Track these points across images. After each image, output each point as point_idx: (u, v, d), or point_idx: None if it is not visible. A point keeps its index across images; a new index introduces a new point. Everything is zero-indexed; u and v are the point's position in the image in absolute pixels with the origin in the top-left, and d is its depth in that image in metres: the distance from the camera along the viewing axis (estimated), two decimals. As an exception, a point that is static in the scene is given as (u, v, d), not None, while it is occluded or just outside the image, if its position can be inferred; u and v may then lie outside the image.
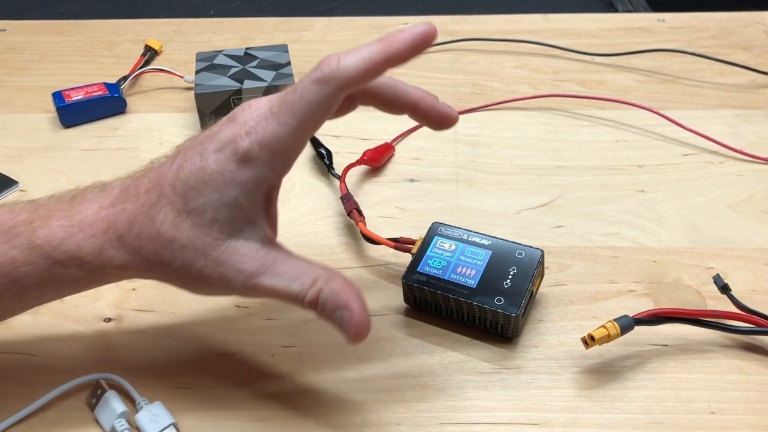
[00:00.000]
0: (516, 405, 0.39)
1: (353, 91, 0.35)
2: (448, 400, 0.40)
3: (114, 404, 0.38)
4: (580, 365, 0.41)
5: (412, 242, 0.46)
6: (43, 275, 0.35)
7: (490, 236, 0.45)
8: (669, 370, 0.41)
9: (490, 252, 0.44)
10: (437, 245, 0.45)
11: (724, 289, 0.43)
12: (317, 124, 0.35)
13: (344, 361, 0.42)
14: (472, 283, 0.42)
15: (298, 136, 0.34)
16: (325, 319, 0.35)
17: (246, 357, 0.42)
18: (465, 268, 0.43)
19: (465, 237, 0.45)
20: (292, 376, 0.41)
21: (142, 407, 0.38)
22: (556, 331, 0.43)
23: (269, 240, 0.36)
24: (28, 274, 0.35)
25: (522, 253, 0.44)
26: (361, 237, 0.48)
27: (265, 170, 0.34)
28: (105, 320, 0.44)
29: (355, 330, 0.34)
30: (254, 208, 0.35)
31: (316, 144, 0.58)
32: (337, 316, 0.34)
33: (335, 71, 0.34)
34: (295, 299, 0.35)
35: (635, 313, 0.40)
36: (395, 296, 0.45)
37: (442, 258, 0.44)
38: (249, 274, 0.34)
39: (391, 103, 0.39)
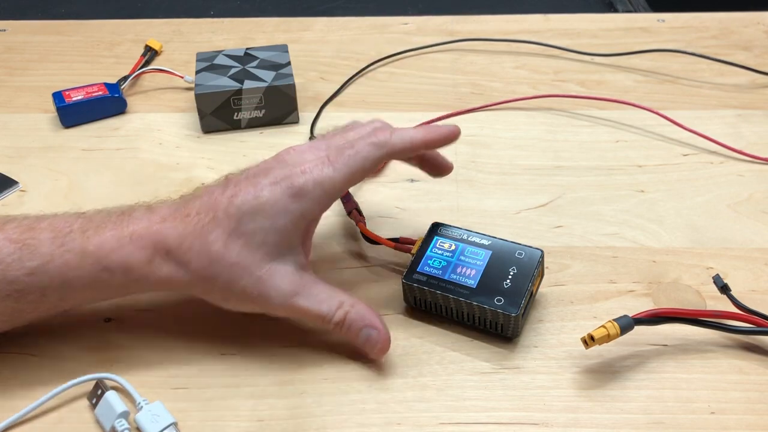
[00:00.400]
0: (516, 405, 0.39)
1: (393, 158, 0.43)
2: (448, 400, 0.40)
3: (114, 404, 0.38)
4: (580, 365, 0.41)
5: (412, 242, 0.46)
6: (91, 279, 0.39)
7: (490, 236, 0.45)
8: (669, 370, 0.41)
9: (490, 252, 0.44)
10: (437, 245, 0.45)
11: (724, 289, 0.43)
12: (362, 177, 0.41)
13: (344, 361, 0.42)
14: (472, 283, 0.42)
15: (347, 182, 0.40)
16: (349, 337, 0.40)
17: (246, 357, 0.42)
18: (465, 268, 0.43)
19: (465, 237, 0.45)
20: (292, 376, 0.41)
21: (142, 407, 0.38)
22: (556, 331, 0.43)
23: (303, 266, 0.40)
24: (78, 277, 0.38)
25: (522, 253, 0.44)
26: (361, 237, 0.48)
27: (313, 205, 0.39)
28: (105, 320, 0.44)
29: (382, 345, 0.40)
30: (296, 237, 0.40)
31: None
32: (363, 334, 0.40)
33: (388, 140, 0.41)
34: (323, 319, 0.40)
35: (635, 313, 0.40)
36: (395, 296, 0.45)
37: (442, 258, 0.44)
38: (286, 294, 0.39)
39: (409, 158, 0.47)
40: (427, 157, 0.47)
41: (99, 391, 0.39)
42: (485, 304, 0.41)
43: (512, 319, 0.41)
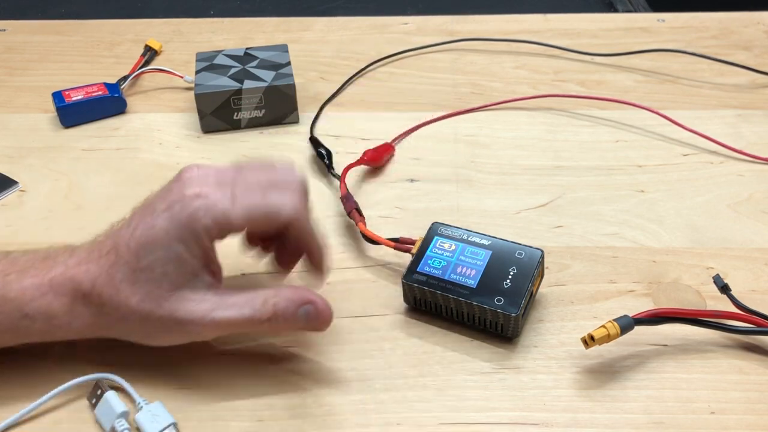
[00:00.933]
0: (516, 405, 0.39)
1: (286, 232, 0.41)
2: (448, 400, 0.40)
3: (114, 404, 0.38)
4: (580, 365, 0.41)
5: (412, 242, 0.46)
6: (11, 325, 0.38)
7: (490, 236, 0.45)
8: (669, 370, 0.41)
9: (490, 252, 0.44)
10: (437, 245, 0.45)
11: (724, 289, 0.43)
12: (258, 228, 0.40)
13: (344, 361, 0.42)
14: (472, 283, 0.42)
15: (242, 224, 0.38)
16: (289, 325, 0.39)
17: (246, 357, 0.42)
18: (465, 268, 0.43)
19: (465, 237, 0.45)
20: (292, 376, 0.41)
21: (142, 407, 0.38)
22: (556, 331, 0.43)
23: (212, 285, 0.39)
24: None
25: (522, 253, 0.44)
26: (361, 237, 0.48)
27: (204, 234, 0.37)
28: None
29: (323, 315, 0.39)
30: (197, 262, 0.38)
31: (316, 144, 0.58)
32: (301, 313, 0.38)
33: (298, 214, 0.39)
34: (251, 321, 0.38)
35: (635, 313, 0.40)
36: (395, 296, 0.45)
37: (442, 258, 0.44)
38: (202, 314, 0.38)
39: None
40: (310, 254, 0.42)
41: (99, 391, 0.39)
42: (485, 304, 0.41)
43: (512, 319, 0.41)
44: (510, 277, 0.42)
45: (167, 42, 0.75)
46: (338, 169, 0.55)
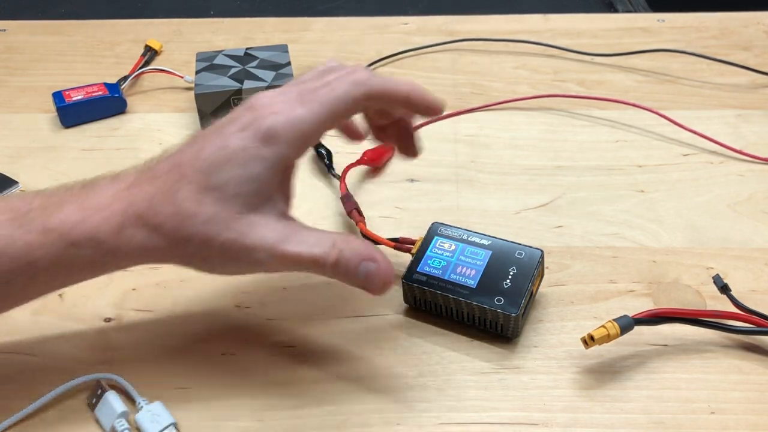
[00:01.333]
0: (516, 405, 0.39)
1: (370, 105, 0.39)
2: (448, 400, 0.40)
3: (114, 404, 0.38)
4: (579, 365, 0.41)
5: (412, 242, 0.46)
6: (58, 257, 0.35)
7: (490, 236, 0.45)
8: (669, 370, 0.41)
9: (490, 252, 0.44)
10: (437, 245, 0.45)
11: (724, 289, 0.43)
12: (339, 118, 0.38)
13: (344, 361, 0.42)
14: (472, 283, 0.42)
15: (321, 122, 0.37)
16: (348, 278, 0.36)
17: (246, 357, 0.42)
18: (465, 268, 0.43)
19: (465, 237, 0.45)
20: (292, 376, 0.41)
21: (142, 407, 0.38)
22: (556, 331, 0.43)
23: (284, 214, 0.37)
24: (43, 256, 0.35)
25: (522, 253, 0.44)
26: (362, 237, 0.48)
27: (286, 149, 0.36)
28: (105, 320, 0.44)
29: (383, 277, 0.36)
30: (273, 185, 0.36)
31: (316, 144, 0.58)
32: (362, 269, 0.36)
33: (367, 80, 0.38)
34: (317, 262, 0.36)
35: (635, 313, 0.40)
36: (395, 296, 0.45)
37: (442, 258, 0.44)
38: (272, 243, 0.35)
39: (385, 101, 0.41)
40: (414, 96, 0.41)
41: (99, 391, 0.39)
42: (485, 304, 0.41)
43: (512, 319, 0.41)
44: (510, 277, 0.42)
45: (167, 42, 0.75)
46: (338, 168, 0.55)
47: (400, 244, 0.46)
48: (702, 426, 0.38)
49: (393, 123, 0.43)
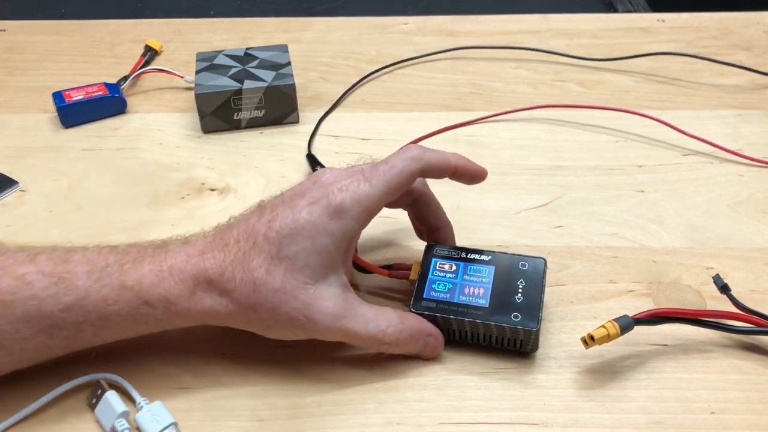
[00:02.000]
0: (516, 405, 0.39)
1: (427, 176, 0.42)
2: (448, 400, 0.40)
3: (114, 404, 0.38)
4: (580, 365, 0.41)
5: (407, 267, 0.44)
6: (131, 313, 0.38)
7: (489, 251, 0.44)
8: (669, 370, 0.41)
9: (493, 267, 0.43)
10: (437, 267, 0.43)
11: (724, 289, 0.43)
12: (399, 191, 0.40)
13: (344, 361, 0.42)
14: (483, 302, 0.41)
15: (384, 197, 0.40)
16: (402, 351, 0.41)
17: (246, 357, 0.42)
18: (472, 288, 0.42)
19: (464, 255, 0.43)
20: (292, 376, 0.41)
21: (142, 407, 0.38)
22: (556, 331, 0.43)
23: (347, 286, 0.40)
24: (116, 312, 0.37)
25: (525, 264, 0.42)
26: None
27: (352, 223, 0.39)
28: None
29: (437, 347, 0.41)
30: (338, 257, 0.39)
31: (314, 162, 0.57)
32: (421, 343, 0.40)
33: (423, 155, 0.41)
34: (372, 340, 0.39)
35: (635, 313, 0.40)
36: (395, 296, 0.45)
37: (445, 280, 0.42)
38: (333, 317, 0.38)
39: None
40: (461, 168, 0.44)
41: (99, 391, 0.39)
42: (503, 322, 0.40)
43: (533, 334, 0.40)
44: (520, 290, 0.41)
45: (167, 42, 0.75)
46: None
47: (394, 271, 0.45)
48: (702, 426, 0.38)
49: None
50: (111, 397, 0.39)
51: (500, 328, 0.40)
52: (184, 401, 0.40)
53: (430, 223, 0.46)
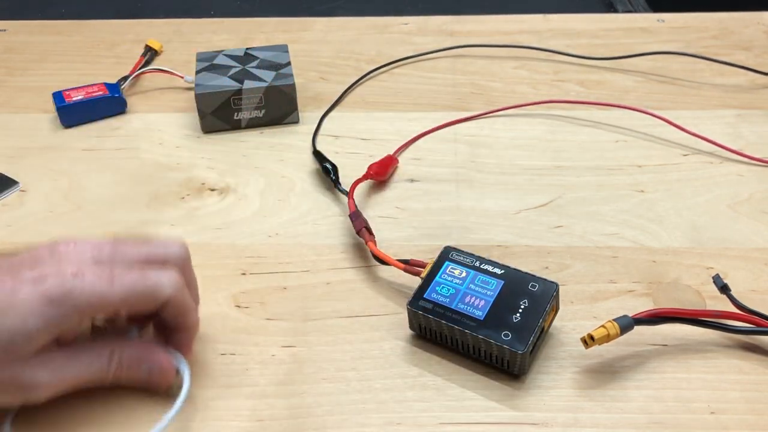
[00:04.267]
0: (516, 405, 0.39)
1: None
2: (448, 400, 0.40)
3: None
4: (580, 365, 0.41)
5: (423, 265, 0.44)
6: None
7: (504, 265, 0.43)
8: (669, 370, 0.41)
9: (502, 282, 0.42)
10: (447, 271, 0.43)
11: (724, 289, 0.43)
12: (143, 307, 0.37)
13: (344, 361, 0.42)
14: (479, 314, 0.40)
15: (120, 305, 0.36)
16: (130, 381, 0.38)
17: (246, 357, 0.42)
18: (474, 298, 0.41)
19: (477, 264, 0.43)
20: (292, 376, 0.41)
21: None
22: (556, 331, 0.43)
23: (61, 349, 0.36)
24: None
25: (536, 286, 0.41)
26: (370, 255, 0.47)
27: (73, 314, 0.35)
28: (105, 320, 0.44)
29: (164, 376, 0.39)
30: (49, 340, 0.35)
31: (321, 158, 0.57)
32: (144, 369, 0.38)
33: (161, 289, 0.37)
34: (98, 376, 0.37)
35: (635, 313, 0.40)
36: (395, 296, 0.45)
37: (451, 285, 0.42)
38: (48, 378, 0.35)
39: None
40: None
41: None
42: (491, 338, 0.39)
43: (518, 357, 0.39)
44: (521, 310, 0.40)
45: (167, 42, 0.75)
46: (340, 175, 0.55)
47: (410, 266, 0.44)
48: (702, 426, 0.38)
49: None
50: None
51: (488, 343, 0.39)
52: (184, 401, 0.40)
53: (177, 323, 0.39)
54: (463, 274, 0.42)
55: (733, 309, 0.42)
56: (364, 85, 0.68)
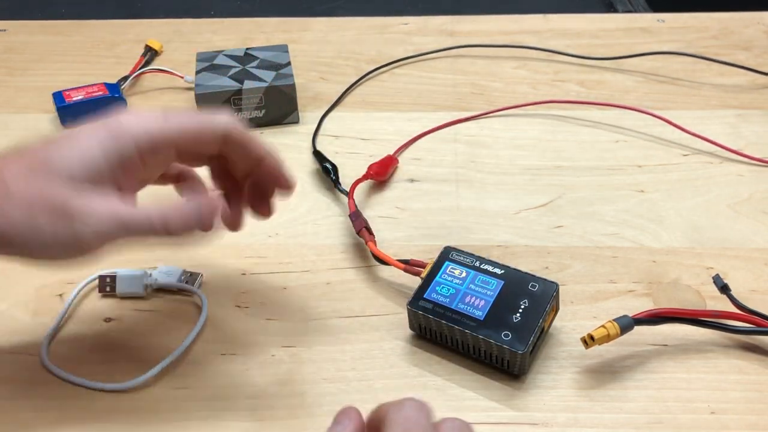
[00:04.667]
0: (516, 405, 0.39)
1: (229, 151, 0.39)
2: (448, 400, 0.40)
3: (131, 273, 0.45)
4: (580, 365, 0.41)
5: (423, 265, 0.44)
6: None
7: (503, 265, 0.43)
8: (669, 370, 0.41)
9: (503, 282, 0.42)
10: (447, 271, 0.43)
11: (724, 289, 0.43)
12: (193, 140, 0.38)
13: (344, 361, 0.42)
14: (479, 314, 0.40)
15: (175, 137, 0.37)
16: (183, 227, 0.37)
17: (246, 357, 0.42)
18: (474, 298, 0.41)
19: (477, 264, 0.43)
20: (292, 376, 0.41)
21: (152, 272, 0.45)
22: (556, 330, 0.43)
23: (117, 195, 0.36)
24: None
25: (536, 286, 0.41)
26: (371, 256, 0.47)
27: (131, 144, 0.36)
28: (105, 320, 0.44)
29: (210, 208, 0.38)
30: (108, 174, 0.36)
31: (321, 158, 0.57)
32: (194, 207, 0.37)
33: (235, 125, 0.39)
34: (155, 224, 0.36)
35: (635, 313, 0.40)
36: (396, 296, 0.45)
37: (451, 285, 0.42)
38: (102, 208, 0.35)
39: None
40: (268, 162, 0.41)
41: (107, 279, 0.45)
42: (491, 338, 0.39)
43: (518, 357, 0.39)
44: (521, 310, 0.40)
45: (167, 42, 0.75)
46: (340, 175, 0.55)
47: (410, 266, 0.44)
48: (702, 426, 0.38)
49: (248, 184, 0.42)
50: (122, 272, 0.44)
51: (488, 343, 0.39)
52: (185, 401, 0.40)
53: (251, 160, 0.40)
54: (463, 274, 0.42)
55: (733, 309, 0.42)
56: (364, 85, 0.68)
